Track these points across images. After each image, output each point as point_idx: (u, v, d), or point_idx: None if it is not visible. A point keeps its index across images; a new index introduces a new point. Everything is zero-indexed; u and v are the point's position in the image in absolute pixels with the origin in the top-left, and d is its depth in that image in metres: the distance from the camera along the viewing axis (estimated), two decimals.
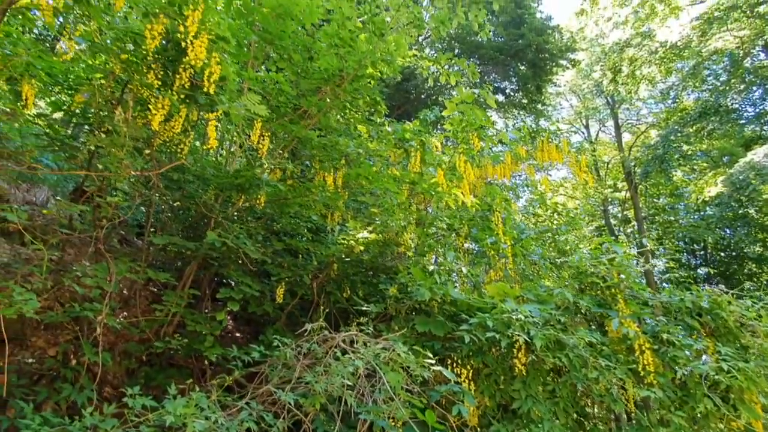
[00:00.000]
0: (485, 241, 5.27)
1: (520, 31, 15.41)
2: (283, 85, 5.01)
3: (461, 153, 5.86)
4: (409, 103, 16.10)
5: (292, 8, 5.40)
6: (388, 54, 5.16)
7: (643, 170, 18.55)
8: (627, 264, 4.37)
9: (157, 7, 3.42)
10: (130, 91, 3.61)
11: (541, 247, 6.99)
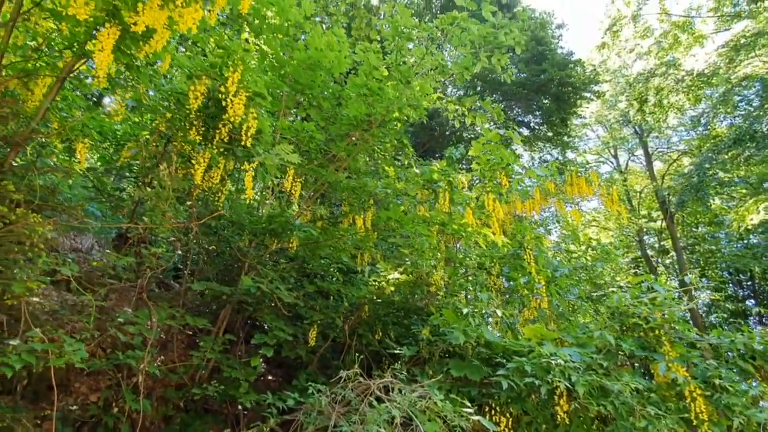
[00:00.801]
0: (518, 280, 5.18)
1: (541, 66, 15.61)
2: (314, 133, 5.21)
3: (489, 191, 5.88)
4: (434, 140, 16.34)
5: (321, 60, 5.68)
6: (414, 99, 5.32)
7: (679, 199, 17.97)
8: (670, 303, 4.20)
9: (200, 69, 3.68)
10: (174, 146, 3.83)
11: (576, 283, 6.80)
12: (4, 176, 3.36)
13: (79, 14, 2.41)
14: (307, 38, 6.02)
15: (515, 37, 5.24)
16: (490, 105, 5.30)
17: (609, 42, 17.98)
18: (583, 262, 6.85)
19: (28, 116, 3.74)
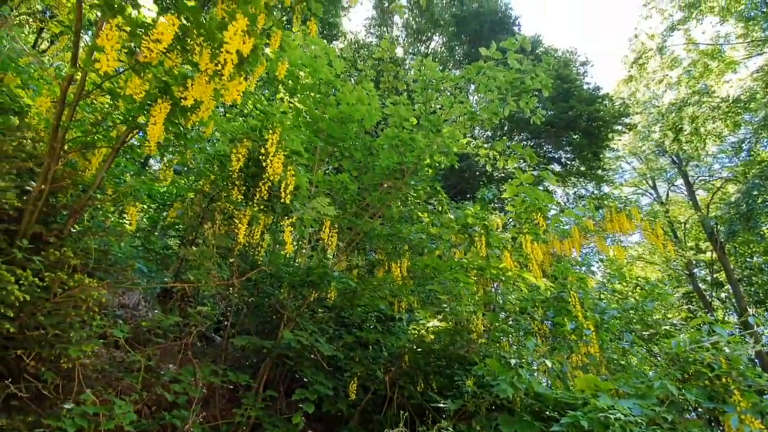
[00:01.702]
0: (565, 327, 4.95)
1: (568, 103, 15.63)
2: (348, 184, 5.33)
3: (526, 233, 5.77)
4: (465, 181, 16.38)
5: (353, 113, 5.91)
6: (445, 146, 5.41)
7: (728, 229, 17.05)
8: (735, 347, 3.89)
9: (241, 132, 3.90)
10: (217, 205, 4.00)
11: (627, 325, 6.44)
12: (64, 242, 3.57)
13: (135, 94, 2.63)
14: (338, 94, 6.30)
15: (541, 80, 5.31)
16: (521, 148, 5.31)
17: (636, 75, 17.91)
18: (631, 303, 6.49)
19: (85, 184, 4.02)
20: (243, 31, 2.46)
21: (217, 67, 2.61)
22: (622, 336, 5.81)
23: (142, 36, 2.43)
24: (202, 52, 2.58)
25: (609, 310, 5.67)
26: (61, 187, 3.64)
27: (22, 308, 2.82)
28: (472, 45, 17.10)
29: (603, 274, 11.35)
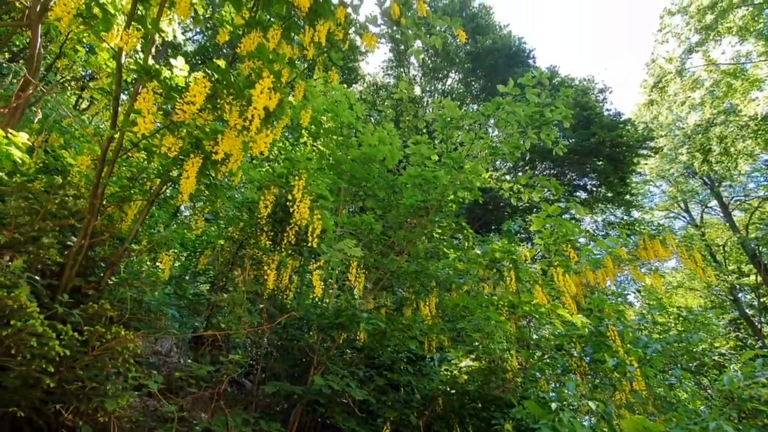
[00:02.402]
0: (606, 363, 4.71)
1: (590, 130, 15.54)
2: (373, 225, 5.37)
3: (557, 266, 5.63)
4: (489, 213, 16.24)
5: (375, 154, 6.03)
6: (468, 182, 5.42)
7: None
8: None
9: (269, 180, 4.01)
10: (246, 252, 4.07)
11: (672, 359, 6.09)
12: (101, 294, 3.68)
13: (170, 152, 2.76)
14: (360, 136, 6.46)
15: (561, 112, 5.32)
16: (545, 180, 5.27)
17: (657, 98, 17.75)
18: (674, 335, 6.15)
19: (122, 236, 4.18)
20: (269, 88, 2.58)
21: (245, 122, 2.73)
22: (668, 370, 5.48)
23: (177, 98, 2.58)
24: (231, 110, 2.71)
25: (652, 343, 5.38)
26: (99, 241, 3.79)
27: (62, 363, 2.88)
28: (488, 79, 17.38)
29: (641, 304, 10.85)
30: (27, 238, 3.21)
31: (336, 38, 3.94)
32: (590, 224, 20.18)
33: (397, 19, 4.20)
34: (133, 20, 2.73)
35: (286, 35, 3.56)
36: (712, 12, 15.60)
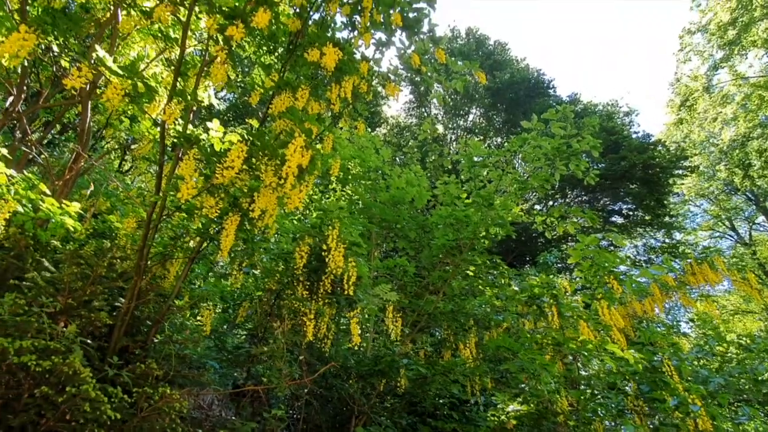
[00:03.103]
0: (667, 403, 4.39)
1: (619, 154, 15.27)
2: (407, 267, 5.36)
3: (600, 298, 5.41)
4: (522, 244, 15.93)
5: (404, 196, 6.09)
6: (499, 218, 5.37)
7: None
8: None
9: (303, 231, 4.10)
10: (284, 304, 4.12)
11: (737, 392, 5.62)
12: (148, 353, 3.77)
13: (210, 213, 2.89)
14: (388, 179, 6.57)
15: (588, 141, 5.28)
16: (580, 211, 5.17)
17: (686, 117, 17.36)
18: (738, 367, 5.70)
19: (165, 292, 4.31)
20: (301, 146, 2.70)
21: (280, 181, 2.85)
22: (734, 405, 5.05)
23: (216, 163, 2.72)
24: (266, 170, 2.84)
25: (713, 377, 5.01)
26: (145, 301, 3.92)
27: (113, 426, 2.94)
28: (509, 112, 17.52)
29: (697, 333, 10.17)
30: (79, 302, 3.36)
31: (360, 91, 4.10)
32: (630, 249, 19.44)
33: (417, 68, 4.35)
34: (174, 94, 2.95)
35: (314, 93, 3.74)
36: (733, 27, 15.41)
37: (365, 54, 4.33)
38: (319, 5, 4.27)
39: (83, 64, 2.43)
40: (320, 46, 3.55)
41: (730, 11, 15.01)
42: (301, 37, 4.06)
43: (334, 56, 3.26)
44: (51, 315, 3.11)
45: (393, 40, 4.42)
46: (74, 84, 2.31)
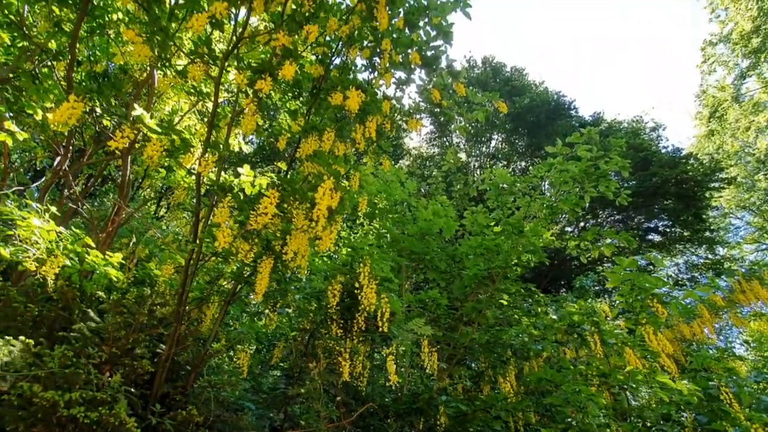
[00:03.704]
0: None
1: (649, 171, 14.90)
2: (440, 300, 5.29)
3: (645, 323, 5.16)
4: (555, 269, 15.50)
5: (432, 228, 6.08)
6: (530, 245, 5.28)
7: None
8: None
9: (334, 269, 4.14)
10: (318, 343, 4.12)
11: None
12: (188, 399, 3.81)
13: (246, 259, 2.97)
14: (414, 211, 6.60)
15: (617, 162, 5.20)
16: (614, 233, 5.03)
17: (717, 128, 16.89)
18: None
19: (202, 336, 4.39)
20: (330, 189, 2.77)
21: (311, 223, 2.92)
22: None
23: (249, 210, 2.82)
24: (298, 214, 2.92)
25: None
26: (184, 347, 4.00)
27: None
28: (531, 136, 17.46)
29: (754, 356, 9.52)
30: (123, 351, 3.46)
31: (384, 128, 4.20)
32: (671, 267, 18.62)
33: (438, 102, 4.43)
34: (207, 146, 3.09)
35: (339, 134, 3.85)
36: (756, 35, 15.11)
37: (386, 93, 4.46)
38: (340, 51, 4.45)
39: (125, 125, 2.59)
40: (343, 90, 3.69)
41: (751, 20, 14.77)
42: (324, 81, 4.23)
43: (358, 99, 3.36)
44: (97, 365, 3.20)
45: (413, 78, 4.54)
46: (118, 145, 2.47)
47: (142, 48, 2.82)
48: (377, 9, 3.57)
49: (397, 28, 4.14)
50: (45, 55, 4.09)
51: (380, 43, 4.18)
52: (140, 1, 2.88)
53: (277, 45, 3.08)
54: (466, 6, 4.31)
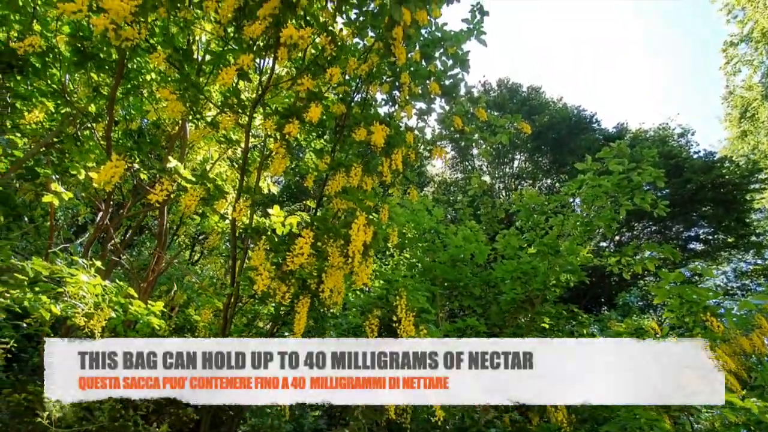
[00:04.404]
0: None
1: (682, 177, 14.41)
2: (478, 327, 5.15)
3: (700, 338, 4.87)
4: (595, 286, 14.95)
5: (463, 254, 6.00)
6: (567, 264, 5.13)
7: None
8: None
9: (370, 304, 4.10)
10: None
11: None
12: None
13: (284, 300, 2.98)
14: (444, 238, 6.54)
15: (651, 173, 5.05)
16: (655, 247, 4.83)
17: (750, 128, 16.32)
18: None
19: None
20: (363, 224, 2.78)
21: (346, 260, 2.92)
22: None
23: (285, 251, 2.85)
24: (333, 252, 2.93)
25: None
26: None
27: None
28: (555, 152, 17.26)
29: None
30: (168, 400, 3.48)
31: (409, 159, 4.23)
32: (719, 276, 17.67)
33: (460, 129, 4.45)
34: (240, 192, 3.18)
35: (366, 169, 3.89)
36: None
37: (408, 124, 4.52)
38: (360, 87, 4.57)
39: (164, 178, 2.70)
40: (367, 125, 3.76)
41: None
42: (347, 118, 4.33)
43: (382, 133, 3.42)
44: (144, 416, 3.23)
45: (433, 107, 4.60)
46: (158, 198, 2.56)
47: (176, 104, 2.96)
48: (394, 46, 3.66)
49: (414, 61, 4.23)
50: (85, 118, 4.36)
51: (399, 77, 4.27)
52: (172, 60, 3.05)
53: (302, 89, 3.19)
54: (481, 34, 4.39)
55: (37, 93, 4.17)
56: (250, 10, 3.12)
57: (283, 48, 2.94)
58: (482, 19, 4.29)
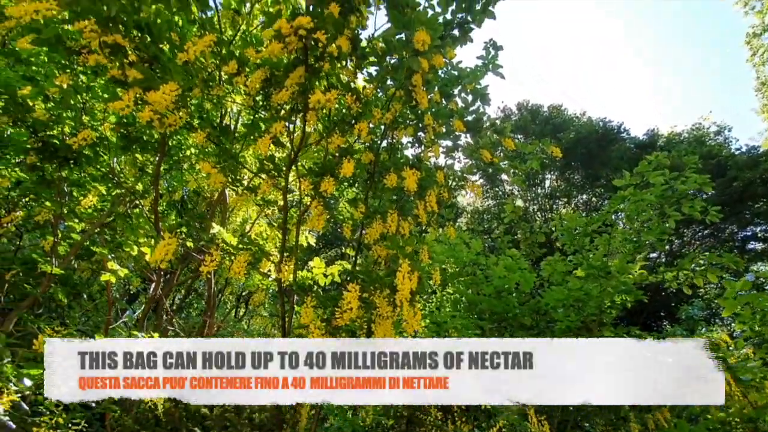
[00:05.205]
0: None
1: (726, 176, 13.75)
2: None
3: None
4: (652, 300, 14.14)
5: (508, 284, 5.86)
6: (621, 284, 4.91)
7: None
8: None
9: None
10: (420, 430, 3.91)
11: None
12: None
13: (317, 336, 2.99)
14: (485, 270, 6.42)
15: (696, 179, 4.87)
16: (716, 257, 4.58)
17: None
18: None
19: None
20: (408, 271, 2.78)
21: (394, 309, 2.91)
22: None
23: (332, 306, 2.88)
24: (381, 302, 2.94)
25: None
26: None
27: None
28: (586, 167, 16.91)
29: None
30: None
31: (442, 197, 4.25)
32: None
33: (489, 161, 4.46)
34: (283, 251, 3.26)
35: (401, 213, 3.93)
36: None
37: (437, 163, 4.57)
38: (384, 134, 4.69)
39: (212, 249, 2.81)
40: (396, 170, 3.82)
41: None
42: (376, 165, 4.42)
43: (414, 177, 3.46)
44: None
45: (459, 143, 4.64)
46: (208, 269, 2.67)
47: (218, 176, 3.12)
48: (415, 92, 3.77)
49: (435, 102, 4.32)
50: (133, 196, 4.64)
51: (422, 119, 4.37)
52: (212, 137, 3.25)
53: (332, 147, 3.31)
54: (497, 67, 4.46)
55: (89, 179, 4.50)
56: (277, 80, 3.31)
57: (312, 112, 3.08)
58: (497, 54, 4.37)
